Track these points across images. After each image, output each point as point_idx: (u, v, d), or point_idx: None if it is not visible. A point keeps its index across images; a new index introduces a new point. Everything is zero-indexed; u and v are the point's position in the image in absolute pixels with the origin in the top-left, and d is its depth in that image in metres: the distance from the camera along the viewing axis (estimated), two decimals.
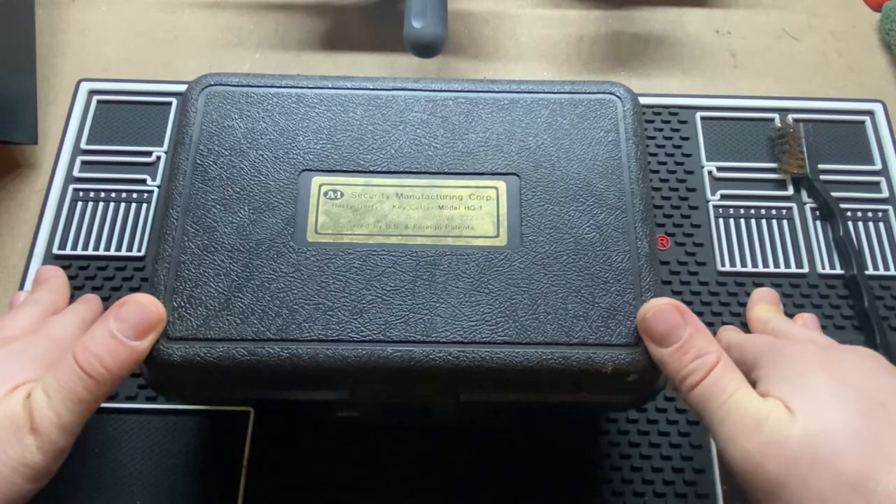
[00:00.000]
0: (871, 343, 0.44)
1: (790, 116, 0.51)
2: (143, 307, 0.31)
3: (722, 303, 0.46)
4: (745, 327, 0.42)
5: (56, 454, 0.29)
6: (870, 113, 0.52)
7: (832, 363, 0.30)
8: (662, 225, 0.48)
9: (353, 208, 0.35)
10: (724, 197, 0.49)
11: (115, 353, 0.30)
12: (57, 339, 0.34)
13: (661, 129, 0.51)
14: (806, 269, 0.47)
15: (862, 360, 0.31)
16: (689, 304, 0.44)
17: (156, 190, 0.48)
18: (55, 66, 0.54)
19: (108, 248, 0.46)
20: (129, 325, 0.30)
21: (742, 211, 0.48)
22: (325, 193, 0.35)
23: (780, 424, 0.28)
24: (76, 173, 0.49)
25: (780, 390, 0.29)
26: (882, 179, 0.50)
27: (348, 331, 0.32)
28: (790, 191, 0.49)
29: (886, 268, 0.47)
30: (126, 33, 0.56)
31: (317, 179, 0.36)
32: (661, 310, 0.31)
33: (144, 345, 0.31)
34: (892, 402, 0.28)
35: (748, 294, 0.44)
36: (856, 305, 0.45)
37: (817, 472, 0.26)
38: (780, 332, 0.37)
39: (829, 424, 0.27)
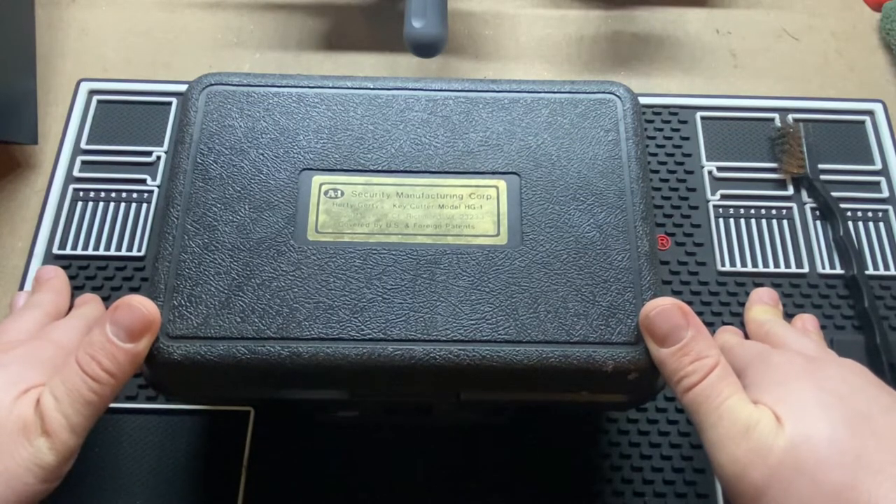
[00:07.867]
0: (871, 343, 0.43)
1: (790, 116, 0.51)
2: (135, 309, 0.31)
3: (722, 303, 0.46)
4: (745, 327, 0.42)
5: (67, 454, 0.30)
6: (870, 113, 0.52)
7: (818, 373, 0.31)
8: (662, 225, 0.48)
9: (353, 207, 0.35)
10: (724, 197, 0.49)
11: (112, 356, 0.30)
12: (61, 343, 0.34)
13: (661, 129, 0.51)
14: (806, 269, 0.47)
15: (847, 371, 0.31)
16: (689, 303, 0.44)
17: (156, 190, 0.48)
18: (55, 66, 0.54)
19: (108, 248, 0.46)
20: (122, 329, 0.30)
21: (742, 211, 0.48)
22: (326, 192, 0.35)
23: (768, 432, 0.28)
24: (76, 173, 0.49)
25: (767, 397, 0.29)
26: (882, 179, 0.50)
27: (349, 329, 0.32)
28: (790, 191, 0.49)
29: (886, 268, 0.47)
30: (126, 33, 0.56)
31: (317, 178, 0.36)
32: (664, 309, 0.31)
33: (141, 346, 0.31)
34: (876, 413, 0.28)
35: (748, 294, 0.44)
36: (856, 305, 0.45)
37: (800, 481, 0.27)
38: (774, 336, 0.38)
39: (813, 434, 0.27)
